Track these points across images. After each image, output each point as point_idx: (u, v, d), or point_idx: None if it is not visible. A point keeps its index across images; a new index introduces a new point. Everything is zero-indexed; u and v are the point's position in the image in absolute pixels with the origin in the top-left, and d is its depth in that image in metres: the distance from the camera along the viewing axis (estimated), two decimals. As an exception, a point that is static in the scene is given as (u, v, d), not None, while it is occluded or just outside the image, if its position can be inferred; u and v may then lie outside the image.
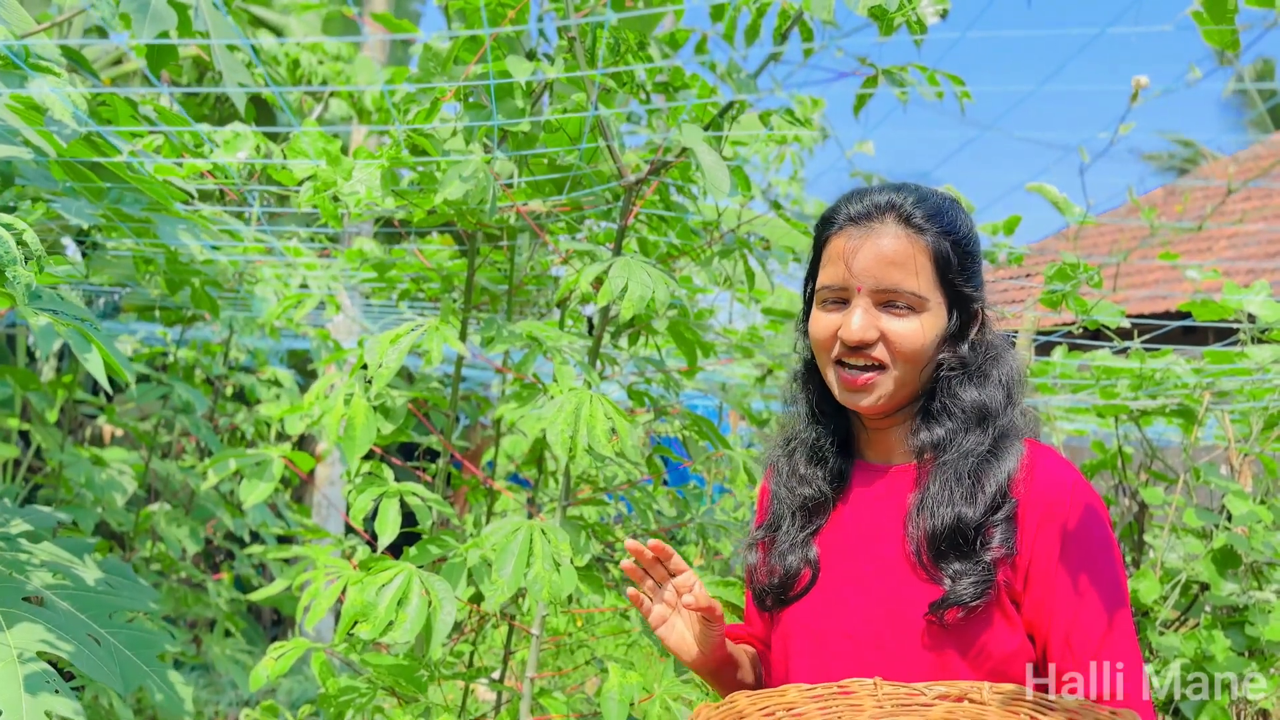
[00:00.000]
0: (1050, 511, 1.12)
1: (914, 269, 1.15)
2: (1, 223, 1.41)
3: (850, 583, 1.18)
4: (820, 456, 1.26)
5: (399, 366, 1.64)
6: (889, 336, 1.16)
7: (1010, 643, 1.11)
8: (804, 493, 1.25)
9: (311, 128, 1.74)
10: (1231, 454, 2.59)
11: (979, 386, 1.18)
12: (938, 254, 1.16)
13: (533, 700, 1.86)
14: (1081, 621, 1.09)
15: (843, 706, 1.08)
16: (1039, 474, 1.14)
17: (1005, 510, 1.13)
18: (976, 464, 1.14)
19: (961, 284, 1.18)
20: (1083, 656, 1.08)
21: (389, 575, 1.57)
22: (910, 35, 1.49)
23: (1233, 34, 1.06)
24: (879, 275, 1.15)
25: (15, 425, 3.60)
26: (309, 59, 3.81)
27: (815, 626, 1.19)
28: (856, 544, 1.20)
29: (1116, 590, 1.11)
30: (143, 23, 1.89)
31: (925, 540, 1.13)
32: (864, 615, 1.16)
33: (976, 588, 1.09)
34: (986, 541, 1.11)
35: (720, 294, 2.89)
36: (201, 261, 2.54)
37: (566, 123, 1.94)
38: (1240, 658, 2.20)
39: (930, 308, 1.16)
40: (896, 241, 1.16)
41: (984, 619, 1.10)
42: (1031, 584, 1.11)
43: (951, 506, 1.12)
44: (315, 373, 5.42)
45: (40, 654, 1.52)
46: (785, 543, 1.24)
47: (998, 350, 1.21)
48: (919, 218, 1.16)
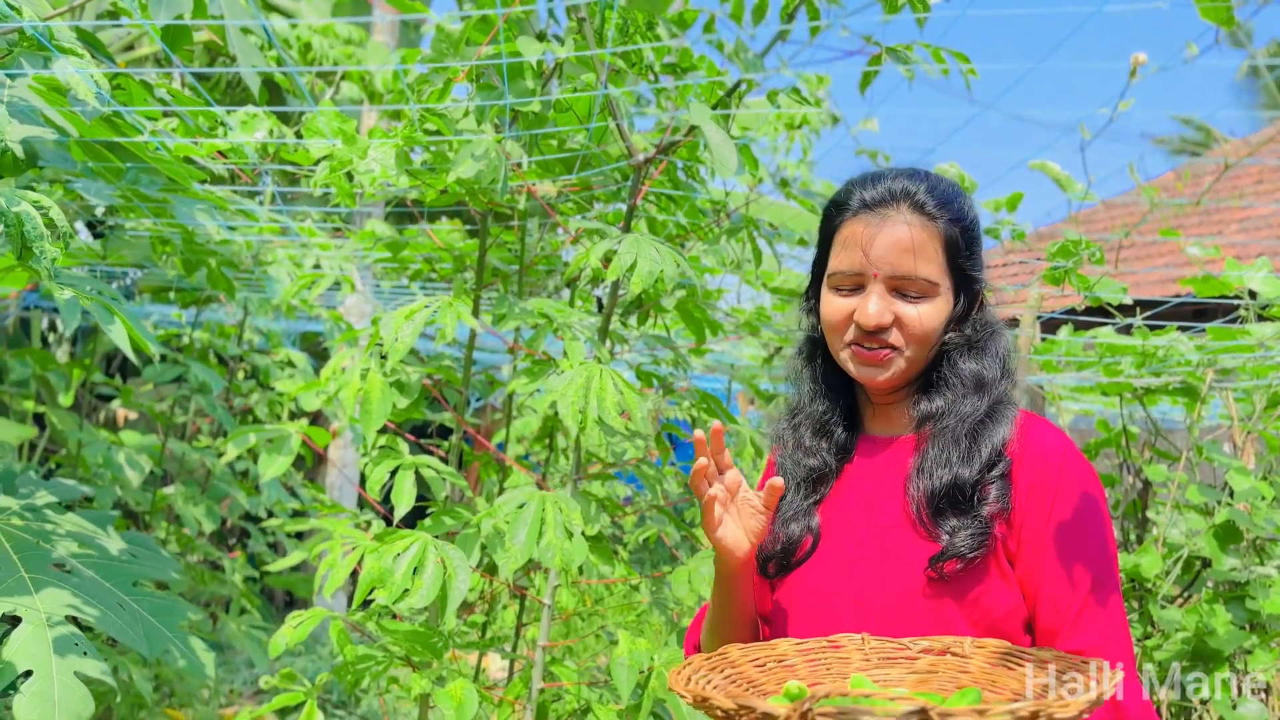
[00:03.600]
0: (1043, 474, 1.17)
1: (927, 256, 1.20)
2: (30, 200, 1.45)
3: (852, 547, 1.23)
4: (826, 429, 1.31)
5: (414, 341, 1.67)
6: (903, 321, 1.21)
7: (1006, 600, 1.15)
8: (808, 464, 1.29)
9: (328, 108, 1.78)
10: (1235, 431, 2.62)
11: (977, 360, 1.24)
12: (949, 241, 1.22)
13: (545, 668, 1.90)
14: (1066, 584, 1.14)
15: (831, 659, 1.13)
16: (1032, 439, 1.20)
17: (1000, 468, 1.18)
18: (973, 427, 1.20)
19: (969, 269, 1.24)
20: (1066, 617, 1.13)
21: (405, 543, 1.61)
22: (913, 12, 1.52)
23: (1228, 10, 1.08)
24: (895, 262, 1.20)
25: (31, 407, 3.66)
26: (321, 42, 3.85)
27: (818, 589, 1.23)
28: (858, 511, 1.25)
29: (1102, 554, 1.16)
30: (159, 6, 1.92)
31: (925, 500, 1.19)
32: (865, 577, 1.20)
33: (974, 539, 1.14)
34: (983, 498, 1.17)
35: (729, 275, 2.92)
36: (218, 242, 2.58)
37: (576, 103, 1.97)
38: (1241, 631, 2.23)
39: (941, 293, 1.22)
40: (911, 230, 1.20)
41: (981, 575, 1.15)
42: (1024, 544, 1.16)
43: (949, 468, 1.18)
44: (328, 355, 5.47)
45: (67, 618, 1.57)
46: (789, 512, 1.28)
47: (995, 327, 1.28)
48: (932, 206, 1.21)
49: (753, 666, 1.12)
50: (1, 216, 1.43)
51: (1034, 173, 2.14)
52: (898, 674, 1.12)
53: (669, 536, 2.65)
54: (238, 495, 3.55)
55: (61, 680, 1.47)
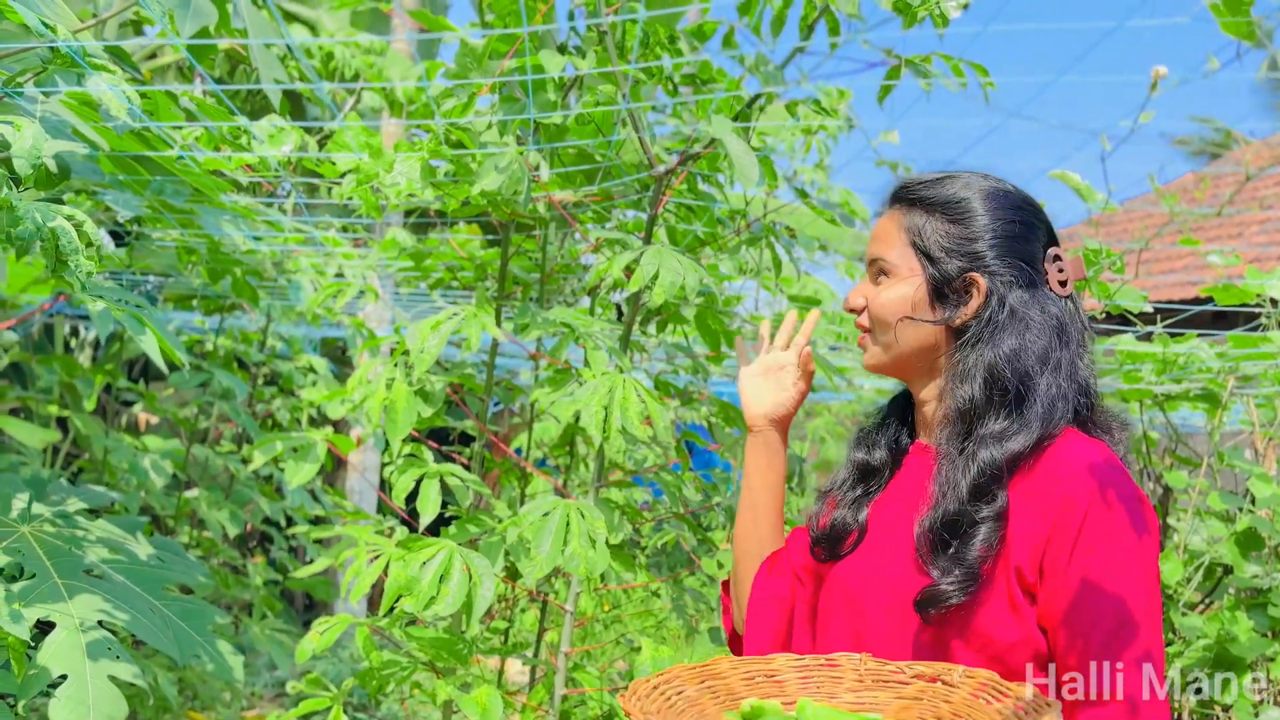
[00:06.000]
0: (1071, 503, 1.08)
1: (888, 240, 1.23)
2: (63, 214, 1.48)
3: (885, 554, 1.21)
4: (882, 426, 1.32)
5: (439, 352, 1.70)
6: (868, 302, 1.25)
7: (1013, 632, 1.09)
8: (857, 456, 1.31)
9: (353, 122, 1.80)
10: (1256, 438, 2.61)
11: (981, 366, 1.15)
12: (910, 225, 1.22)
13: (567, 675, 1.92)
14: (1085, 620, 1.06)
15: (824, 677, 1.11)
16: (1067, 462, 1.11)
17: (997, 504, 1.10)
18: (974, 449, 1.12)
19: (930, 250, 1.18)
20: (1085, 657, 1.05)
21: (431, 552, 1.63)
22: (934, 28, 1.53)
23: (1249, 25, 1.09)
24: (868, 250, 1.26)
25: (55, 411, 3.71)
26: (343, 52, 3.88)
27: (849, 589, 1.22)
28: (894, 519, 1.23)
29: (1132, 588, 1.06)
30: (184, 19, 1.95)
31: (922, 533, 1.14)
32: (887, 588, 1.18)
33: (959, 587, 1.08)
34: (971, 538, 1.10)
35: (748, 282, 2.93)
36: (243, 252, 2.61)
37: (596, 114, 1.99)
38: (1263, 639, 2.22)
39: (901, 275, 1.21)
40: (884, 218, 1.25)
41: (985, 607, 1.09)
42: (1045, 577, 1.08)
43: (941, 503, 1.13)
44: (348, 359, 5.51)
45: (100, 623, 1.60)
46: (840, 498, 1.29)
47: (1008, 327, 1.15)
48: (910, 195, 1.23)
49: (741, 680, 1.09)
50: (37, 231, 1.46)
51: (1054, 180, 2.15)
52: (885, 697, 1.07)
53: (687, 541, 2.66)
54: (260, 500, 3.58)
55: (95, 684, 1.50)
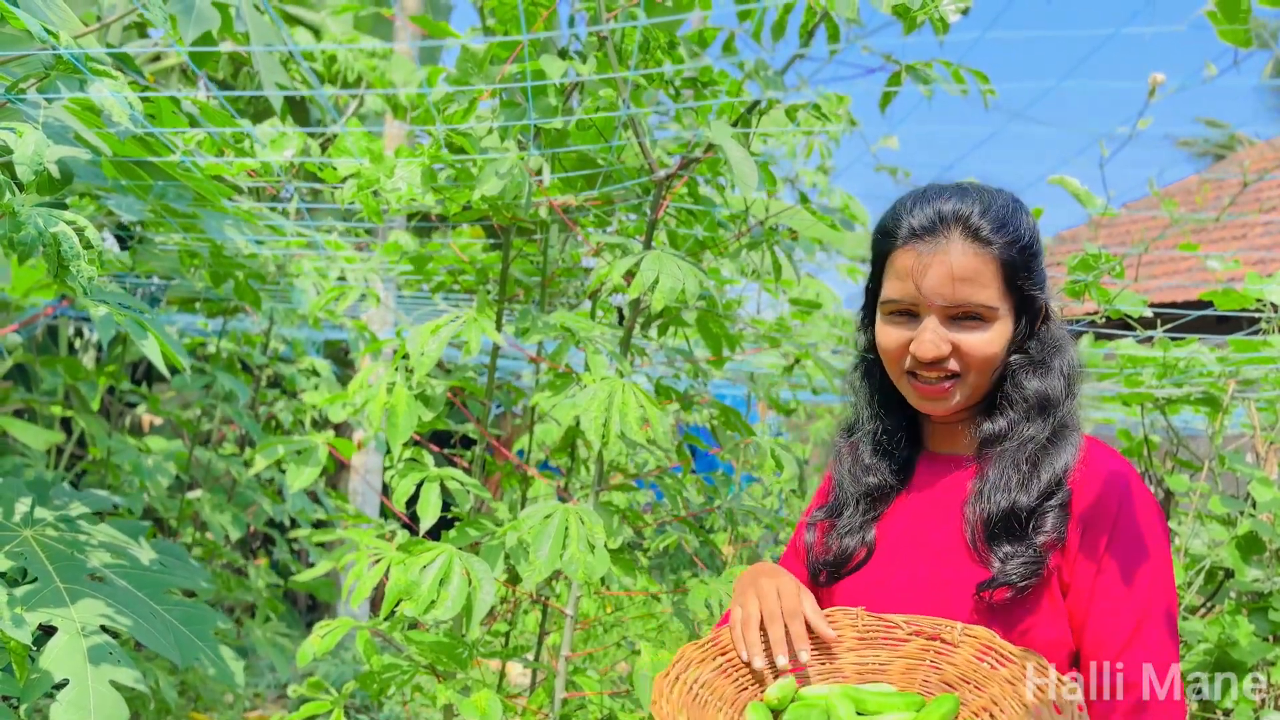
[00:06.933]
0: (1102, 507, 1.14)
1: (983, 282, 1.15)
2: (65, 220, 1.48)
3: (904, 565, 1.22)
4: (886, 448, 1.28)
5: (439, 356, 1.70)
6: (962, 348, 1.17)
7: (1054, 630, 1.14)
8: (869, 481, 1.27)
9: (355, 127, 1.81)
10: (1257, 441, 2.61)
11: (1041, 378, 1.20)
12: (1005, 264, 1.16)
13: (567, 678, 1.93)
14: (1112, 619, 1.11)
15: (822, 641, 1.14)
16: (1094, 468, 1.17)
17: (1059, 497, 1.15)
18: (1034, 452, 1.17)
19: (1029, 287, 1.19)
20: (1108, 653, 1.10)
21: (431, 556, 1.64)
22: (934, 34, 1.53)
23: (1246, 32, 1.09)
24: (948, 294, 1.15)
25: (59, 412, 3.72)
26: (345, 54, 3.90)
27: (865, 603, 1.22)
28: (914, 529, 1.23)
29: (1155, 592, 1.12)
30: (188, 24, 1.96)
31: (980, 524, 1.16)
32: (913, 596, 1.19)
33: (1026, 568, 1.12)
34: (1039, 527, 1.14)
35: (748, 284, 2.93)
36: (245, 255, 2.62)
37: (597, 119, 2.00)
38: (1264, 643, 2.22)
39: (1000, 316, 1.17)
40: (964, 258, 1.15)
41: (1030, 604, 1.13)
42: (1076, 576, 1.14)
43: (1008, 493, 1.15)
44: (350, 361, 5.52)
45: (102, 628, 1.61)
46: (845, 527, 1.26)
47: (1059, 342, 1.23)
48: (986, 230, 1.16)
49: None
50: (39, 236, 1.46)
51: (1054, 183, 2.15)
52: (885, 656, 1.13)
53: (689, 543, 2.67)
54: (263, 503, 3.59)
55: (97, 688, 1.51)
